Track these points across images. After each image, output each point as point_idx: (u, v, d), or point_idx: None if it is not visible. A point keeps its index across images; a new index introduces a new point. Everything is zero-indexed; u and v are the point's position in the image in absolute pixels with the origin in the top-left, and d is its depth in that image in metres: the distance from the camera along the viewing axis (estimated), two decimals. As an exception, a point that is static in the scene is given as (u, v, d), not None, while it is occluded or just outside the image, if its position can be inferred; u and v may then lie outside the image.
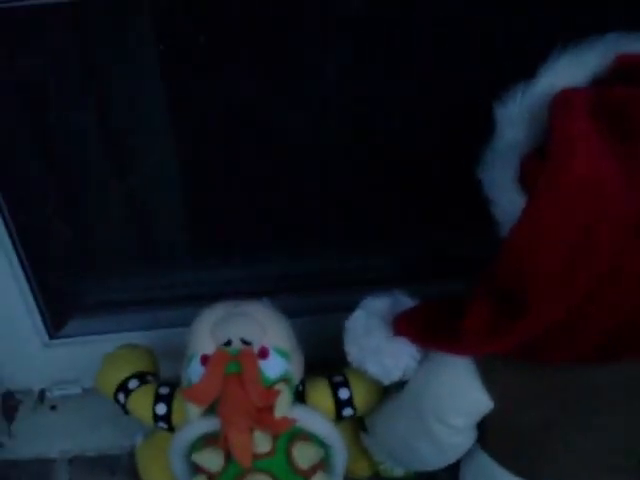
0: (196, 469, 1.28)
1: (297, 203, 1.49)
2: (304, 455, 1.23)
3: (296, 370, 1.24)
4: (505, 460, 1.13)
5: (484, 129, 0.98)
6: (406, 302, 1.17)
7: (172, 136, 1.39)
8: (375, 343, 1.13)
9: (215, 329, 1.21)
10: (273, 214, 1.48)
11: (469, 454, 1.18)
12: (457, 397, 1.10)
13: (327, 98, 1.39)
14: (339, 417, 1.28)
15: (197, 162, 1.44)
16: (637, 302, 0.91)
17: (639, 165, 0.86)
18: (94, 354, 1.38)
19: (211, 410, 1.22)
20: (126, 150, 1.41)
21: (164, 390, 1.31)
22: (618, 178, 0.86)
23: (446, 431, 1.13)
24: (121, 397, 1.32)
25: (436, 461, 1.21)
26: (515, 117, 0.96)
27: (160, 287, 1.54)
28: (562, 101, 0.90)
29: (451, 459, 1.20)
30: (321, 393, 1.28)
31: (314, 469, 1.25)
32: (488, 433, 1.14)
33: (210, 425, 1.23)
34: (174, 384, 1.31)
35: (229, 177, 1.44)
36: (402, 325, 1.12)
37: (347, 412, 1.28)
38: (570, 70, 0.95)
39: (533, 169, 0.92)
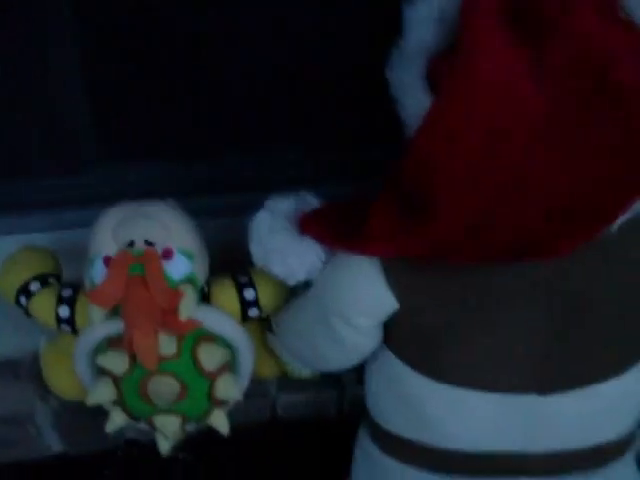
0: (101, 371, 1.27)
1: (203, 103, 1.46)
2: (210, 356, 1.23)
3: (201, 271, 1.22)
4: (409, 359, 1.14)
5: (392, 28, 0.96)
6: (312, 202, 1.16)
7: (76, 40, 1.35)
8: (280, 243, 1.12)
9: (117, 230, 1.18)
10: (178, 114, 1.45)
11: (374, 354, 1.19)
12: (361, 297, 1.10)
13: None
14: (245, 318, 1.28)
15: (102, 59, 1.40)
16: (540, 206, 0.91)
17: (546, 68, 0.85)
18: (-6, 255, 1.34)
19: (115, 312, 1.21)
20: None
21: (67, 292, 1.29)
22: (526, 81, 0.85)
23: (350, 330, 1.13)
24: (23, 300, 1.30)
25: (340, 362, 1.22)
26: (424, 18, 0.94)
27: (63, 188, 1.49)
28: (470, 1, 0.88)
29: (355, 360, 1.21)
30: (226, 294, 1.27)
31: (220, 370, 1.25)
32: (393, 333, 1.15)
33: (114, 327, 1.22)
34: (77, 286, 1.29)
35: (136, 75, 1.39)
36: (307, 225, 1.11)
37: (253, 312, 1.27)
38: None
39: (440, 69, 0.91)
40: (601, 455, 1.18)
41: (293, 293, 1.27)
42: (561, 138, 0.87)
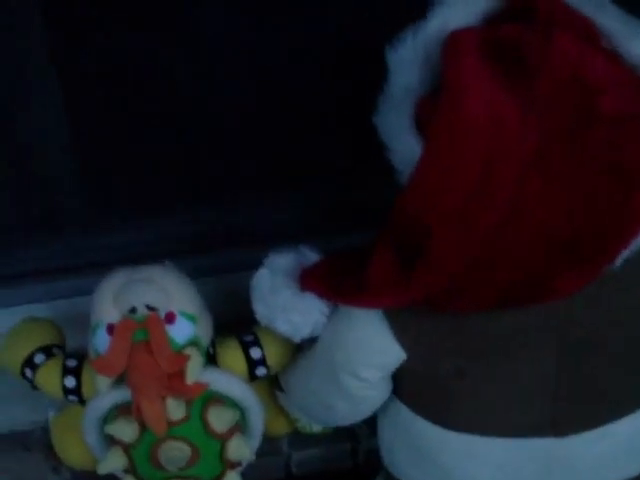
0: (111, 441, 1.25)
1: (194, 160, 1.46)
2: (219, 418, 1.22)
3: (205, 333, 1.21)
4: (420, 409, 1.13)
5: (378, 75, 0.96)
6: (311, 256, 1.15)
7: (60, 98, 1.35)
8: (282, 301, 1.11)
9: (118, 297, 1.17)
10: (169, 172, 1.45)
11: (384, 405, 1.18)
12: (368, 349, 1.09)
13: (219, 49, 1.37)
14: (253, 377, 1.26)
15: (85, 124, 1.40)
16: (538, 243, 0.90)
17: (532, 102, 0.85)
18: (-5, 329, 1.33)
19: (121, 379, 1.19)
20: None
21: (71, 363, 1.28)
22: (512, 116, 0.85)
23: (358, 385, 1.12)
24: (28, 373, 1.29)
25: (350, 416, 1.21)
26: (407, 61, 0.94)
27: (57, 256, 1.49)
28: (452, 42, 0.89)
29: (366, 413, 1.19)
30: (232, 354, 1.26)
31: (231, 431, 1.24)
32: (402, 383, 1.14)
33: (121, 395, 1.21)
34: (81, 356, 1.28)
35: (120, 138, 1.40)
36: (308, 280, 1.10)
37: (260, 371, 1.26)
38: (460, 10, 0.93)
39: (428, 112, 0.90)
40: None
41: (299, 348, 1.25)
42: (553, 171, 0.87)
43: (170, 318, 1.17)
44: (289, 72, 1.37)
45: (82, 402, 1.28)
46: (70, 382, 1.26)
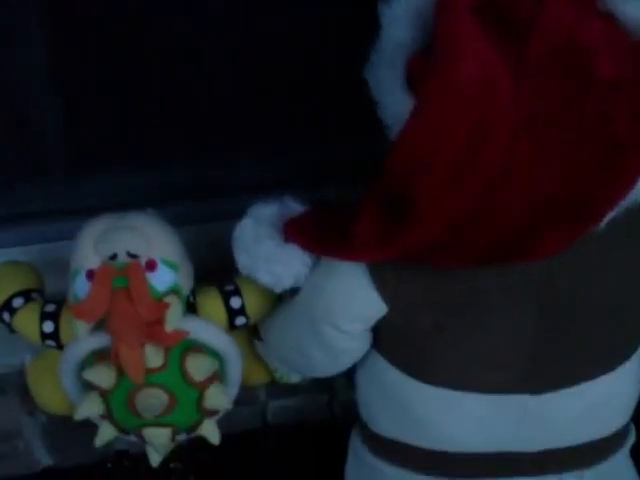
0: (88, 386, 1.25)
1: (179, 108, 1.44)
2: (198, 367, 1.22)
3: (185, 281, 1.21)
4: (399, 362, 1.13)
5: (370, 30, 0.95)
6: (296, 208, 1.15)
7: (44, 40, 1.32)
8: (265, 251, 1.11)
9: (99, 243, 1.16)
10: (154, 120, 1.43)
11: (363, 358, 1.19)
12: (349, 302, 1.09)
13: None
14: (232, 326, 1.26)
15: (70, 68, 1.38)
16: (524, 204, 0.90)
17: (525, 65, 0.84)
18: (-26, 273, 1.31)
19: (100, 325, 1.19)
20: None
21: (50, 307, 1.27)
22: (504, 78, 0.84)
23: (338, 336, 1.12)
24: (6, 316, 1.28)
25: (329, 367, 1.21)
26: (400, 17, 0.93)
27: (39, 200, 1.47)
28: (446, 1, 0.87)
29: (345, 365, 1.20)
30: (213, 303, 1.25)
31: (209, 380, 1.24)
32: (382, 336, 1.14)
33: (100, 341, 1.20)
34: (60, 301, 1.27)
35: (104, 82, 1.38)
36: (292, 231, 1.10)
37: (240, 321, 1.26)
38: None
39: (420, 70, 0.90)
40: (595, 452, 1.19)
41: (280, 299, 1.25)
42: (544, 134, 0.86)
43: (151, 265, 1.16)
44: (288, 29, 1.36)
45: (60, 347, 1.27)
46: (48, 327, 1.26)
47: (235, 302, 1.25)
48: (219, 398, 1.26)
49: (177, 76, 1.41)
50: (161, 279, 1.17)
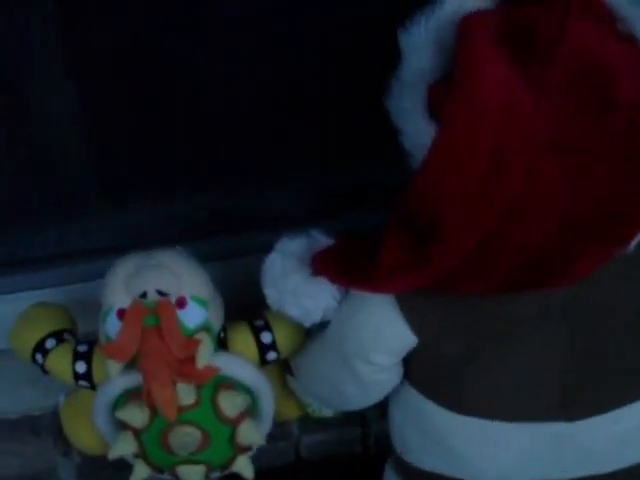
0: (121, 425, 1.26)
1: (207, 142, 1.45)
2: (230, 403, 1.22)
3: (216, 317, 1.21)
4: (431, 393, 1.13)
5: (391, 58, 0.96)
6: (323, 241, 1.15)
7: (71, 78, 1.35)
8: (293, 285, 1.11)
9: (129, 282, 1.17)
10: (181, 156, 1.45)
11: (396, 389, 1.18)
12: (379, 334, 1.09)
13: (232, 35, 1.37)
14: (263, 361, 1.26)
15: (98, 105, 1.40)
16: (551, 226, 0.90)
17: (546, 86, 0.85)
18: (6, 314, 1.33)
19: (132, 364, 1.19)
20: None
21: (83, 348, 1.28)
22: (526, 100, 0.84)
23: (370, 370, 1.12)
24: (39, 358, 1.28)
25: (362, 401, 1.21)
26: (420, 44, 0.94)
27: (69, 240, 1.48)
28: (466, 25, 0.88)
29: (377, 398, 1.19)
30: (243, 339, 1.25)
31: (242, 416, 1.24)
32: (413, 367, 1.13)
33: (132, 380, 1.21)
34: (92, 341, 1.27)
35: (131, 118, 1.39)
36: (320, 264, 1.10)
37: (271, 356, 1.26)
38: None
39: (441, 96, 0.90)
40: (633, 477, 1.16)
41: (309, 333, 1.25)
42: (568, 154, 0.87)
43: (181, 303, 1.17)
44: (293, 56, 1.37)
45: (92, 387, 1.28)
46: (81, 367, 1.26)
47: (266, 337, 1.25)
48: (252, 434, 1.26)
49: (198, 108, 1.43)
50: (191, 316, 1.17)
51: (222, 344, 1.24)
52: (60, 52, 1.34)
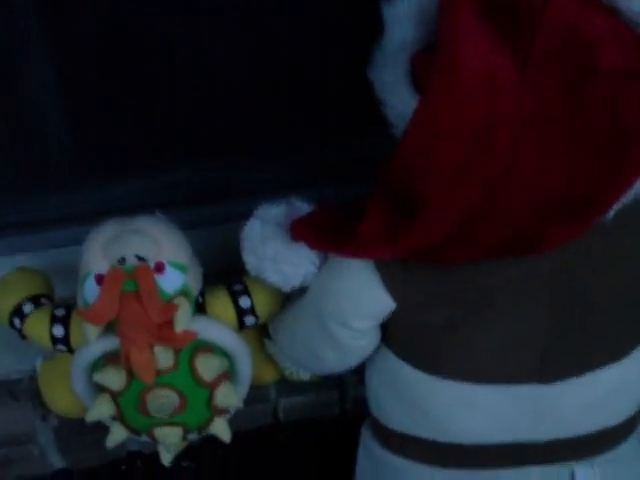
0: (99, 388, 1.26)
1: (186, 113, 1.45)
2: (207, 367, 1.22)
3: (194, 282, 1.22)
4: (409, 357, 1.14)
5: (373, 29, 0.96)
6: (303, 208, 1.16)
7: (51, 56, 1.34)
8: (272, 252, 1.11)
9: (108, 247, 1.16)
10: (163, 125, 1.44)
11: (373, 354, 1.19)
12: (358, 299, 1.10)
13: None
14: (241, 326, 1.27)
15: (79, 74, 1.38)
16: (530, 198, 0.90)
17: (529, 58, 0.85)
18: (-17, 280, 1.32)
19: (110, 328, 1.20)
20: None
21: (60, 312, 1.28)
22: (508, 72, 0.84)
23: (348, 334, 1.13)
24: (17, 322, 1.29)
25: (340, 364, 1.22)
26: (403, 16, 0.93)
27: (48, 207, 1.48)
28: None
29: (355, 361, 1.21)
30: (222, 303, 1.26)
31: (219, 380, 1.25)
32: (391, 332, 1.15)
33: (109, 344, 1.21)
34: (70, 305, 1.28)
35: (113, 89, 1.39)
36: (299, 230, 1.10)
37: (249, 320, 1.27)
38: None
39: (424, 68, 0.90)
40: (605, 440, 1.19)
41: (288, 298, 1.26)
42: (548, 127, 0.87)
43: (159, 268, 1.17)
44: (287, 29, 1.37)
45: (70, 351, 1.28)
46: (58, 331, 1.27)
47: (244, 302, 1.26)
48: (229, 397, 1.27)
49: (177, 79, 1.42)
50: (170, 281, 1.18)
51: (201, 309, 1.25)
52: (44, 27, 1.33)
